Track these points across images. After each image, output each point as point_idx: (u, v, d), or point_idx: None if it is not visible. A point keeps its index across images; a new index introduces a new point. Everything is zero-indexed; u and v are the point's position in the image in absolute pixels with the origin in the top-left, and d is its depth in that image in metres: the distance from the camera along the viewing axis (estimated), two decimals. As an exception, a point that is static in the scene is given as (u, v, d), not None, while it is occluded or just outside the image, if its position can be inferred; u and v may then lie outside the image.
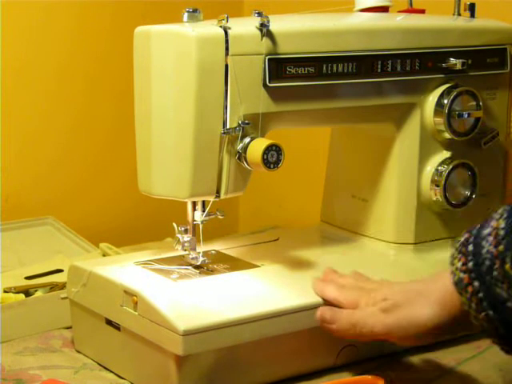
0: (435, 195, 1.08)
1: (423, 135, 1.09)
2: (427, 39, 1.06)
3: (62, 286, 1.12)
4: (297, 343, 0.95)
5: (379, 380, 0.92)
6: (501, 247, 0.76)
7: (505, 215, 0.77)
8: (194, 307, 0.91)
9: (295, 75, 0.98)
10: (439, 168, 1.08)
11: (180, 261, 1.02)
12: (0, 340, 1.04)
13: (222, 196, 0.97)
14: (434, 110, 1.07)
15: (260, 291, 0.96)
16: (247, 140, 0.96)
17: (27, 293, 1.13)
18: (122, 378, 0.97)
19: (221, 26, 0.94)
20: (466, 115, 1.08)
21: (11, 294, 1.11)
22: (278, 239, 1.14)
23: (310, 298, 0.95)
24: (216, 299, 0.93)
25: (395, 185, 1.10)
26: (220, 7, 1.43)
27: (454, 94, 1.07)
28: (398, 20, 1.12)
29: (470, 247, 0.79)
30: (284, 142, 0.95)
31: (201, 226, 1.00)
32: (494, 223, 0.78)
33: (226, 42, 0.93)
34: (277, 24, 0.97)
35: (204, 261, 1.01)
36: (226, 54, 0.94)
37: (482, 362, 1.00)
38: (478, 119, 1.09)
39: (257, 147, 0.94)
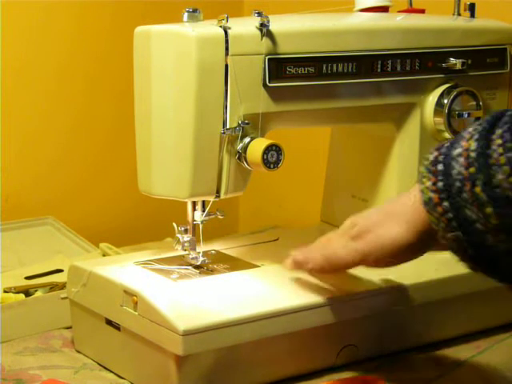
0: (435, 195, 1.08)
1: (423, 135, 1.09)
2: (427, 39, 1.07)
3: (62, 286, 1.12)
4: (297, 343, 0.95)
5: (379, 380, 0.92)
6: (471, 169, 0.75)
7: (476, 136, 0.77)
8: (194, 307, 0.91)
9: (295, 75, 0.98)
10: (439, 168, 1.08)
11: (180, 261, 1.02)
12: (0, 340, 1.05)
13: (222, 196, 0.97)
14: (433, 110, 1.08)
15: (260, 291, 0.96)
16: (247, 140, 0.96)
17: (27, 293, 1.13)
18: (122, 378, 0.97)
19: (221, 26, 0.94)
20: (466, 115, 1.08)
21: (11, 294, 1.11)
22: (277, 239, 1.14)
23: (310, 297, 0.95)
24: (216, 299, 0.93)
25: (395, 185, 1.10)
26: (220, 7, 1.43)
27: (454, 93, 1.07)
28: (397, 20, 1.13)
29: (440, 166, 0.78)
30: (284, 142, 0.95)
31: (201, 226, 1.00)
32: (464, 143, 0.77)
33: (226, 42, 0.93)
34: (277, 24, 0.97)
35: (204, 261, 1.01)
36: (226, 54, 0.94)
37: (482, 362, 1.01)
38: (477, 119, 1.09)
39: (257, 147, 0.94)
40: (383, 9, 1.15)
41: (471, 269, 0.80)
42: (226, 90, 0.94)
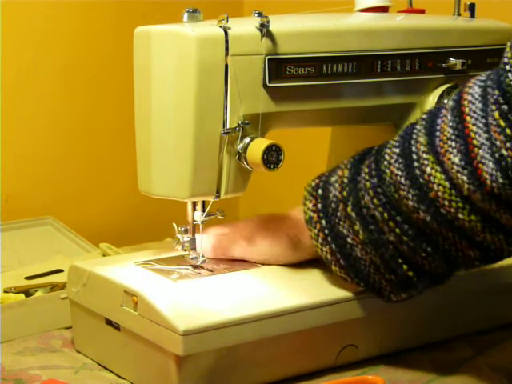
0: (435, 195, 1.08)
1: (423, 135, 1.08)
2: (427, 39, 1.06)
3: (62, 286, 1.12)
4: (297, 343, 0.95)
5: (379, 380, 0.92)
6: (344, 192, 0.92)
7: (348, 166, 0.93)
8: (194, 307, 0.91)
9: (295, 75, 0.98)
10: (439, 168, 1.08)
11: (180, 261, 1.02)
12: (0, 340, 1.05)
13: (222, 196, 0.97)
14: (434, 110, 1.07)
15: (260, 291, 0.96)
16: (247, 140, 0.96)
17: (27, 293, 1.13)
18: (122, 378, 0.97)
19: (221, 26, 0.94)
20: (466, 115, 1.08)
21: (11, 294, 1.11)
22: (277, 239, 1.14)
23: (310, 297, 0.95)
24: (216, 299, 0.93)
25: (395, 185, 1.09)
26: (220, 7, 1.43)
27: (454, 94, 1.07)
28: (398, 20, 1.12)
29: (320, 191, 0.95)
30: (284, 142, 0.95)
31: (201, 226, 1.00)
32: (339, 172, 0.94)
33: (226, 42, 0.93)
34: (277, 24, 0.97)
35: (204, 261, 1.01)
36: (226, 54, 0.94)
37: (482, 362, 1.01)
38: (477, 119, 1.09)
39: (257, 147, 0.94)
40: (383, 9, 1.15)
41: (343, 278, 0.94)
42: (226, 90, 0.94)
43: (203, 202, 0.99)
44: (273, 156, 0.95)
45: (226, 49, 0.94)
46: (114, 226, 1.49)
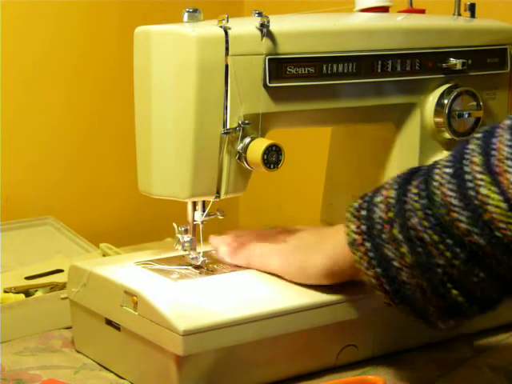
0: (435, 195, 1.08)
1: (423, 135, 1.09)
2: (427, 39, 1.06)
3: (62, 286, 1.12)
4: (297, 343, 0.95)
5: (379, 380, 0.92)
6: (390, 214, 0.86)
7: (395, 186, 0.88)
8: (194, 307, 0.91)
9: (295, 75, 0.98)
10: (439, 168, 1.08)
11: (180, 261, 1.02)
12: (0, 340, 1.05)
13: (222, 196, 0.97)
14: (434, 110, 1.08)
15: (260, 291, 0.96)
16: (247, 140, 0.96)
17: (27, 293, 1.13)
18: (122, 378, 0.97)
19: (221, 26, 0.94)
20: (466, 115, 1.08)
21: (11, 294, 1.11)
22: (278, 239, 1.14)
23: (310, 298, 0.95)
24: (216, 299, 0.93)
25: (395, 185, 1.09)
26: (220, 7, 1.43)
27: (454, 94, 1.07)
28: (398, 20, 1.12)
29: (364, 212, 0.89)
30: (284, 142, 0.95)
31: (201, 226, 1.00)
32: (385, 192, 0.88)
33: (226, 42, 0.93)
34: (277, 24, 0.97)
35: (204, 261, 1.01)
36: (226, 54, 0.94)
37: (482, 362, 1.01)
38: (478, 119, 1.09)
39: (257, 147, 0.94)
40: (383, 9, 1.15)
41: (387, 304, 0.89)
42: (226, 90, 0.94)
43: (203, 202, 0.99)
44: (273, 156, 0.95)
45: (226, 49, 0.94)
46: (114, 225, 1.49)
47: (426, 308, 0.87)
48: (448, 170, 0.83)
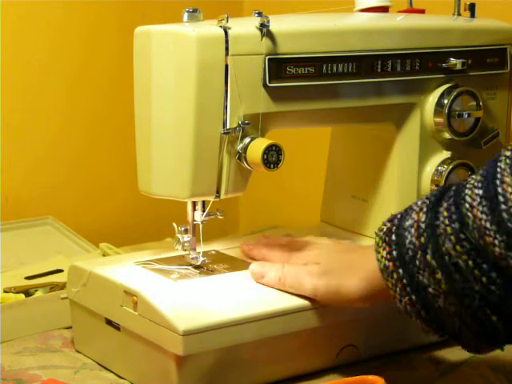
0: (435, 195, 1.08)
1: (423, 135, 1.09)
2: (427, 39, 1.06)
3: (62, 286, 1.12)
4: (297, 343, 0.95)
5: (379, 380, 0.92)
6: (422, 239, 0.83)
7: (424, 209, 0.85)
8: (194, 307, 0.91)
9: (295, 75, 0.98)
10: (439, 168, 1.08)
11: (180, 261, 1.02)
12: (0, 340, 1.05)
13: (222, 196, 0.97)
14: (434, 110, 1.08)
15: (260, 291, 0.96)
16: (247, 140, 0.96)
17: (27, 293, 1.13)
18: (122, 378, 0.97)
19: (221, 26, 0.94)
20: (466, 115, 1.08)
21: (11, 294, 1.11)
22: (277, 239, 1.14)
23: (309, 298, 0.95)
24: (216, 299, 0.93)
25: (395, 185, 1.10)
26: (220, 7, 1.43)
27: (454, 94, 1.07)
28: (398, 20, 1.12)
29: (394, 237, 0.86)
30: (284, 142, 0.95)
31: (201, 226, 1.00)
32: (415, 216, 0.85)
33: (226, 42, 0.93)
34: (277, 24, 0.97)
35: (204, 261, 1.01)
36: (226, 54, 0.94)
37: (482, 361, 1.00)
38: (478, 119, 1.09)
39: (257, 147, 0.94)
40: (383, 9, 1.15)
41: (424, 330, 0.86)
42: (226, 90, 0.94)
43: (203, 202, 0.99)
44: (273, 156, 0.95)
45: (226, 49, 0.94)
46: (114, 226, 1.49)
47: (466, 334, 0.84)
48: (479, 192, 0.79)
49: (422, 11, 1.19)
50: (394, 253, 0.85)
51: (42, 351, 1.03)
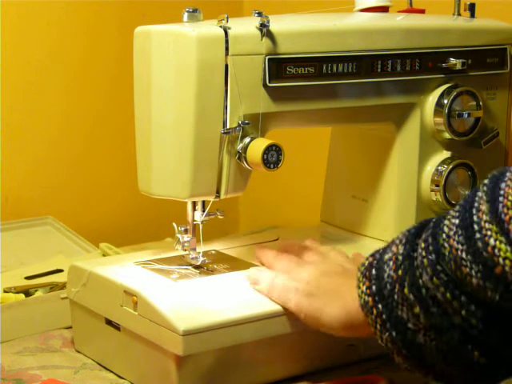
0: (435, 195, 1.08)
1: (423, 135, 1.09)
2: (427, 39, 1.06)
3: (62, 286, 1.12)
4: (297, 343, 0.95)
5: (379, 380, 0.92)
6: (400, 272, 0.81)
7: (403, 240, 0.83)
8: (194, 307, 0.91)
9: (295, 75, 0.98)
10: (439, 168, 1.08)
11: (180, 261, 1.02)
12: (0, 340, 1.04)
13: (222, 196, 0.97)
14: (434, 110, 1.08)
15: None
16: (247, 140, 0.96)
17: (27, 293, 1.13)
18: (122, 378, 0.97)
19: (221, 26, 0.94)
20: (466, 115, 1.08)
21: (11, 294, 1.11)
22: (277, 239, 1.14)
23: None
24: (216, 299, 0.93)
25: (395, 185, 1.10)
26: (220, 7, 1.43)
27: (454, 94, 1.07)
28: (397, 20, 1.12)
29: (374, 271, 0.84)
30: (284, 142, 0.95)
31: (201, 226, 1.00)
32: (394, 248, 0.83)
33: (226, 42, 0.93)
34: (277, 24, 0.97)
35: (204, 261, 1.01)
36: (226, 54, 0.94)
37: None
38: (477, 119, 1.09)
39: (257, 147, 0.94)
40: (383, 9, 1.15)
41: (406, 369, 0.83)
42: (226, 90, 0.94)
43: (203, 202, 0.99)
44: (273, 156, 0.95)
45: (226, 49, 0.94)
46: (114, 226, 1.49)
47: (449, 371, 0.81)
48: (455, 221, 0.77)
49: (422, 11, 1.19)
50: (374, 287, 0.83)
51: (41, 351, 1.03)
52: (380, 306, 0.82)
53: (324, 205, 1.21)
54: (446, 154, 1.09)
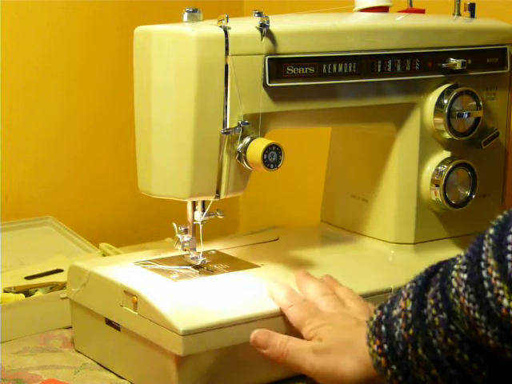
0: (435, 195, 1.08)
1: (423, 135, 1.09)
2: (427, 39, 1.07)
3: (62, 286, 1.12)
4: (297, 343, 0.95)
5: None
6: (411, 331, 0.77)
7: (411, 295, 0.78)
8: (194, 307, 0.91)
9: (295, 75, 0.98)
10: (439, 168, 1.08)
11: (180, 261, 1.02)
12: (0, 340, 1.04)
13: (222, 196, 0.97)
14: (434, 110, 1.08)
15: (260, 291, 0.96)
16: (247, 140, 0.96)
17: (27, 293, 1.13)
18: (122, 378, 0.97)
19: (221, 26, 0.94)
20: (466, 115, 1.08)
21: (11, 294, 1.11)
22: (277, 239, 1.14)
23: (309, 297, 0.95)
24: (216, 299, 0.93)
25: (395, 185, 1.10)
26: (220, 7, 1.43)
27: (454, 93, 1.07)
28: (397, 20, 1.12)
29: (383, 328, 0.80)
30: (284, 142, 0.95)
31: (201, 226, 1.00)
32: (402, 303, 0.79)
33: (226, 42, 0.93)
34: (277, 24, 0.97)
35: (204, 261, 1.01)
36: (226, 53, 0.94)
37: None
38: (477, 119, 1.09)
39: (257, 147, 0.94)
40: (383, 9, 1.15)
41: None
42: (226, 90, 0.94)
43: (203, 202, 0.99)
44: (273, 156, 0.94)
45: (226, 49, 0.94)
46: (114, 226, 1.49)
47: None
48: (464, 276, 0.72)
49: (422, 11, 1.19)
50: (385, 346, 0.79)
51: (41, 351, 1.03)
52: (394, 367, 0.78)
53: (324, 205, 1.21)
54: (446, 153, 1.09)
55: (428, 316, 0.75)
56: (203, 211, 0.99)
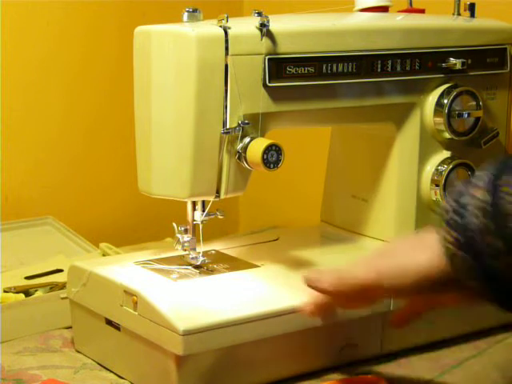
0: (435, 195, 1.08)
1: (423, 135, 1.09)
2: (427, 39, 1.07)
3: (62, 286, 1.12)
4: (297, 343, 0.95)
5: (379, 380, 0.92)
6: (486, 220, 0.74)
7: (487, 185, 0.76)
8: (194, 307, 0.91)
9: (295, 75, 0.98)
10: (439, 168, 1.08)
11: (180, 261, 1.02)
12: (0, 340, 1.04)
13: (222, 196, 0.97)
14: (433, 110, 1.08)
15: (260, 291, 0.96)
16: (247, 140, 0.96)
17: (27, 293, 1.13)
18: (122, 378, 0.97)
19: (221, 26, 0.94)
20: (466, 115, 1.08)
21: (11, 294, 1.11)
22: (277, 239, 1.14)
23: (309, 297, 0.95)
24: (216, 299, 0.93)
25: (395, 185, 1.10)
26: (220, 7, 1.43)
27: (454, 93, 1.07)
28: (397, 20, 1.13)
29: (456, 217, 0.77)
30: (284, 142, 0.95)
31: (201, 226, 1.00)
32: (476, 192, 0.76)
33: (226, 41, 0.93)
34: (277, 24, 0.97)
35: (204, 261, 1.01)
36: (226, 53, 0.94)
37: (482, 361, 1.01)
38: (477, 119, 1.09)
39: (257, 147, 0.94)
40: (383, 9, 1.15)
41: (498, 308, 0.79)
42: (226, 90, 0.94)
43: (203, 202, 0.99)
44: (273, 156, 0.95)
45: (226, 49, 0.94)
46: (114, 226, 1.49)
47: None
48: None
49: (422, 11, 1.19)
50: (458, 236, 0.76)
51: (41, 351, 1.03)
52: (467, 255, 0.76)
53: (324, 205, 1.21)
54: (446, 153, 1.09)
55: (504, 205, 0.73)
56: (203, 211, 0.99)
